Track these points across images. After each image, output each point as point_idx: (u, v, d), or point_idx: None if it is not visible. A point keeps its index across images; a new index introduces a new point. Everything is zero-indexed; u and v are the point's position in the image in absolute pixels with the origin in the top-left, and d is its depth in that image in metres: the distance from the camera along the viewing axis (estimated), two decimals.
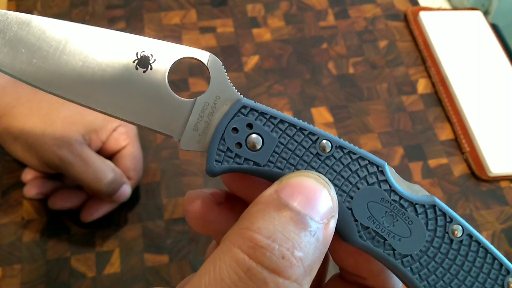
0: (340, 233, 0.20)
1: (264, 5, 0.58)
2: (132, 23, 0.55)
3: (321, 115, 0.50)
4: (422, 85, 0.53)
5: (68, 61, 0.20)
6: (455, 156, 0.49)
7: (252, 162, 0.20)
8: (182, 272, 0.41)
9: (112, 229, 0.43)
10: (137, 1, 0.57)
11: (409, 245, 0.19)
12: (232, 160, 0.20)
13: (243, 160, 0.20)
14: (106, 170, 0.38)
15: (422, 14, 0.57)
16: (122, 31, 0.21)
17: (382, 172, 0.20)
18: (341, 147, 0.20)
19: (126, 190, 0.40)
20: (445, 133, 0.50)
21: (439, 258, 0.19)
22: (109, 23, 0.55)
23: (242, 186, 0.22)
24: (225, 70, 0.21)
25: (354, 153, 0.20)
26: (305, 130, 0.20)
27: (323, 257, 0.17)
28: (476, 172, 0.47)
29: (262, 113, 0.20)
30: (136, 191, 0.44)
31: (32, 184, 0.41)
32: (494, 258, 0.19)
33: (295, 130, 0.20)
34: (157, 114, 0.20)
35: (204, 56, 0.20)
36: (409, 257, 0.19)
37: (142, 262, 0.41)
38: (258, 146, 0.20)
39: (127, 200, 0.41)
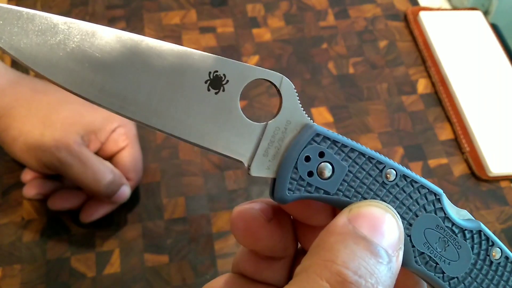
0: None
1: (264, 5, 0.58)
2: (132, 23, 0.55)
3: (321, 115, 0.50)
4: (422, 85, 0.53)
5: (136, 79, 0.18)
6: (455, 156, 0.49)
7: (322, 191, 0.19)
8: (182, 272, 0.41)
9: (112, 229, 0.43)
10: (137, 1, 0.57)
11: (457, 268, 0.20)
12: (303, 188, 0.19)
13: (314, 188, 0.19)
14: (105, 172, 0.38)
15: (422, 14, 0.57)
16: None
17: (439, 200, 0.20)
18: (404, 176, 0.20)
19: (125, 191, 0.40)
20: (445, 133, 0.50)
21: (480, 279, 0.20)
22: (109, 23, 0.55)
23: (296, 206, 0.22)
24: (296, 94, 0.20)
25: (416, 182, 0.20)
26: (373, 159, 0.20)
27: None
28: (476, 172, 0.47)
29: (334, 141, 0.19)
30: (136, 191, 0.44)
31: (31, 184, 0.41)
32: None
33: (364, 158, 0.20)
34: (227, 138, 0.19)
35: (276, 78, 0.20)
36: (456, 279, 0.20)
37: (142, 262, 0.41)
38: (328, 175, 0.19)
39: (127, 200, 0.41)
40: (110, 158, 0.42)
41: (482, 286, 0.20)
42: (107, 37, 0.18)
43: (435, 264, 0.20)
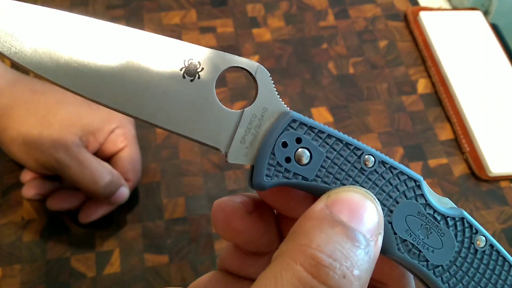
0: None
1: (264, 5, 0.58)
2: (132, 23, 0.55)
3: (321, 115, 0.50)
4: (422, 85, 0.53)
5: (110, 66, 0.18)
6: (455, 156, 0.49)
7: (301, 177, 0.20)
8: (182, 272, 0.41)
9: (112, 229, 0.43)
10: (137, 1, 0.57)
11: (440, 256, 0.20)
12: (281, 174, 0.19)
13: (292, 174, 0.19)
14: (103, 173, 0.38)
15: (422, 14, 0.57)
16: None
17: (419, 187, 0.20)
18: (383, 162, 0.20)
19: (124, 192, 0.40)
20: (445, 133, 0.50)
21: (465, 267, 0.20)
22: None
23: (277, 197, 0.22)
24: (272, 82, 0.20)
25: (395, 168, 0.20)
26: (351, 145, 0.20)
27: (371, 273, 0.18)
28: (476, 172, 0.47)
29: (311, 128, 0.20)
30: (136, 191, 0.44)
31: (30, 184, 0.41)
32: (511, 266, 0.21)
33: (342, 145, 0.20)
34: (204, 125, 0.19)
35: (252, 66, 0.20)
36: (440, 267, 0.20)
37: (142, 262, 0.41)
38: (306, 161, 0.19)
39: (127, 200, 0.41)
40: (108, 159, 0.42)
41: (467, 274, 0.20)
42: (81, 24, 0.18)
43: (418, 252, 0.20)
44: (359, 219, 0.17)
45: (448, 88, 0.52)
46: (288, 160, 0.19)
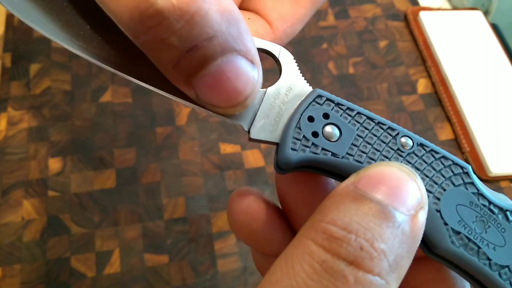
0: (429, 238, 0.17)
1: None
2: None
3: None
4: (422, 85, 0.53)
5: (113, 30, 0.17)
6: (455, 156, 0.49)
7: (330, 153, 0.18)
8: (182, 272, 0.41)
9: (112, 229, 0.43)
10: None
11: (505, 255, 0.17)
12: (308, 149, 0.18)
13: (320, 149, 0.18)
14: None
15: (422, 14, 0.57)
16: None
17: (468, 174, 0.18)
18: (422, 145, 0.18)
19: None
20: (445, 133, 0.50)
21: None
22: None
23: (300, 193, 0.20)
24: (296, 64, 0.19)
25: (437, 152, 0.18)
26: (384, 124, 0.18)
27: (413, 254, 0.15)
28: (476, 172, 0.47)
29: (338, 104, 0.18)
30: (136, 191, 0.44)
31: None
32: None
33: (374, 124, 0.18)
34: None
35: (275, 49, 0.20)
36: (507, 268, 0.17)
37: (142, 262, 0.41)
38: (335, 138, 0.18)
39: (127, 200, 0.41)
40: None
41: None
42: None
43: (476, 248, 0.17)
44: (392, 193, 0.15)
45: (448, 88, 0.52)
46: (315, 134, 0.18)
